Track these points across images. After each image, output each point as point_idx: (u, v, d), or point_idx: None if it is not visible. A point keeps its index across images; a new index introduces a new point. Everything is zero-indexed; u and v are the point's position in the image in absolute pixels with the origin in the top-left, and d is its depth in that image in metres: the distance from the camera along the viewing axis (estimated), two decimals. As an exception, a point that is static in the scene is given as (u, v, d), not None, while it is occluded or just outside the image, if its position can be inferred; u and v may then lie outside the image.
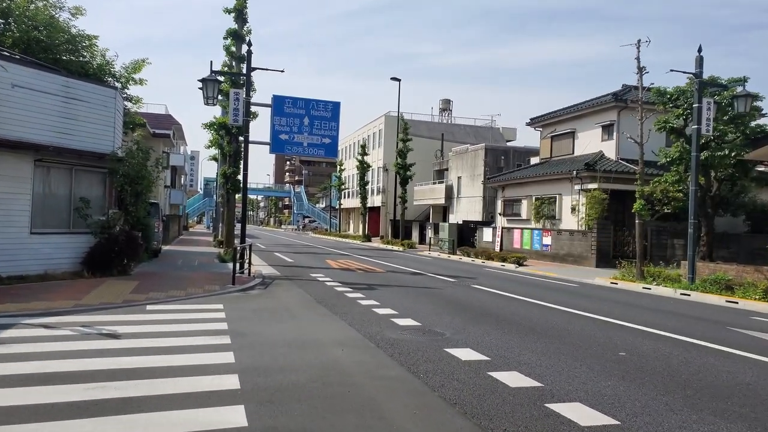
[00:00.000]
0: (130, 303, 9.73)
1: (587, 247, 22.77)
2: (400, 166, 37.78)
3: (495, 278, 17.04)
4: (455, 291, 13.29)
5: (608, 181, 22.89)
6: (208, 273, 15.26)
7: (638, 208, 16.29)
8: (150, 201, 19.95)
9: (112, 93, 13.65)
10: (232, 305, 10.04)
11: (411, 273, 17.71)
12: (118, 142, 13.86)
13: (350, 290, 12.68)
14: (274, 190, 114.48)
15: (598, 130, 26.27)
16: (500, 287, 14.46)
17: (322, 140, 27.01)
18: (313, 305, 10.42)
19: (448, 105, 65.84)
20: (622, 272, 16.95)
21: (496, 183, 31.53)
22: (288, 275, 15.94)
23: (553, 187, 26.46)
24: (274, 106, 23.73)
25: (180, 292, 11.26)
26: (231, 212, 20.31)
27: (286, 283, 14.07)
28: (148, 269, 15.50)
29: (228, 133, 19.99)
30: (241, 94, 15.55)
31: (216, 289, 12.06)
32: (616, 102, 24.62)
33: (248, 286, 12.83)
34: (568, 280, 17.66)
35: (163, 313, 8.94)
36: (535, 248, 26.11)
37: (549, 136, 29.98)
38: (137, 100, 17.36)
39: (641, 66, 16.19)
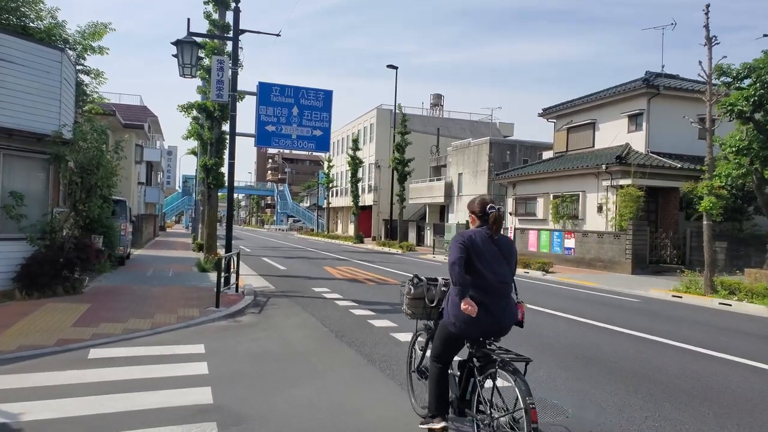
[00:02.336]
0: (66, 345, 6.61)
1: (620, 251, 20.03)
2: (398, 161, 34.83)
3: (531, 291, 14.16)
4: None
5: (643, 176, 20.17)
6: (184, 288, 12.13)
7: (707, 207, 13.52)
8: (115, 198, 16.77)
9: (56, 55, 10.44)
10: (217, 346, 6.97)
11: (432, 285, 14.72)
12: (67, 120, 10.67)
13: (372, 314, 9.68)
14: (256, 188, 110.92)
15: (623, 121, 23.56)
16: (547, 304, 11.57)
17: (313, 132, 24.22)
18: (333, 343, 7.40)
19: (440, 100, 63.09)
20: (683, 283, 14.16)
21: (506, 179, 28.71)
22: (285, 290, 12.88)
23: (576, 183, 23.69)
24: (260, 94, 20.91)
25: (144, 323, 8.15)
26: (213, 212, 17.15)
27: (285, 302, 11.01)
28: (108, 284, 12.33)
29: (209, 117, 16.83)
30: (227, 63, 12.44)
31: (195, 315, 8.96)
32: (647, 88, 21.92)
33: (237, 309, 9.75)
34: (615, 291, 14.85)
35: (110, 366, 5.85)
36: (555, 251, 23.33)
37: (565, 127, 27.23)
38: (97, 74, 14.09)
39: (711, 35, 13.39)
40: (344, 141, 56.38)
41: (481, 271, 3.77)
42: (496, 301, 3.80)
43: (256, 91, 22.87)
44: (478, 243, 3.84)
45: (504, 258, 3.90)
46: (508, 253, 3.95)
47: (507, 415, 3.57)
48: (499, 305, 3.81)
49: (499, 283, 3.82)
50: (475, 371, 3.86)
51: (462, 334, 3.90)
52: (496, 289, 3.80)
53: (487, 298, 3.76)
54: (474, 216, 4.08)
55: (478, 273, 3.78)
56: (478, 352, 3.87)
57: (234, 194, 14.51)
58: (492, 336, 3.91)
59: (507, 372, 3.58)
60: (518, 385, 3.47)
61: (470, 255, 3.79)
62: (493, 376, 3.71)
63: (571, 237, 22.64)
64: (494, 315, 3.78)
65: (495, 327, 3.84)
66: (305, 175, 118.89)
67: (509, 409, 3.59)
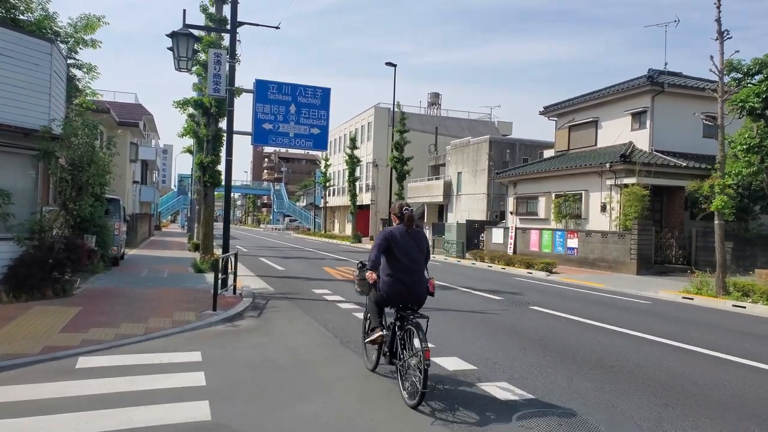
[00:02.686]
0: (53, 353, 6.16)
1: (624, 251, 19.65)
2: (396, 159, 34.41)
3: (542, 293, 13.76)
4: (520, 318, 9.94)
5: (648, 175, 19.79)
6: (180, 290, 11.67)
7: (719, 206, 13.14)
8: (108, 197, 16.32)
9: (46, 47, 9.98)
10: (214, 354, 6.53)
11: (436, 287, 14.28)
12: (57, 114, 10.20)
13: (376, 317, 9.24)
14: (253, 187, 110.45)
15: (626, 119, 23.19)
16: (558, 306, 11.17)
17: (311, 130, 23.83)
18: (338, 351, 6.96)
19: (437, 99, 62.60)
20: (694, 284, 13.78)
21: (507, 178, 28.31)
22: (284, 292, 12.43)
23: (578, 182, 23.31)
24: (257, 91, 20.52)
25: (137, 328, 7.70)
26: (209, 211, 16.67)
27: (285, 305, 10.57)
28: (100, 285, 11.86)
29: (205, 114, 16.35)
30: (224, 57, 11.98)
31: (191, 319, 8.51)
32: (652, 85, 21.54)
33: (236, 313, 9.31)
34: (624, 293, 14.46)
35: (99, 377, 5.41)
36: (557, 251, 22.94)
37: (566, 126, 26.86)
38: (90, 68, 13.61)
39: (722, 30, 13.00)
40: (342, 140, 55.91)
41: (399, 257, 5.19)
42: (409, 277, 5.20)
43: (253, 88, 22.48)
44: (396, 236, 5.27)
45: (417, 246, 5.31)
46: (420, 242, 5.37)
47: (412, 357, 4.94)
48: (412, 280, 5.22)
49: (412, 264, 5.22)
50: (396, 329, 5.28)
51: (385, 299, 5.35)
52: (410, 269, 5.21)
53: (403, 276, 5.19)
54: (395, 216, 5.49)
55: (397, 258, 5.19)
56: (404, 315, 5.22)
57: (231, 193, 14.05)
58: (409, 303, 5.25)
59: (413, 327, 4.97)
60: (419, 335, 4.83)
61: (390, 245, 5.22)
62: (408, 331, 5.09)
63: (574, 237, 22.26)
64: (409, 286, 5.21)
65: (410, 296, 5.24)
66: (301, 174, 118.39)
67: (414, 353, 4.91)
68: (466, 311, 10.23)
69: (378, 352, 5.74)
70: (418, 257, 5.27)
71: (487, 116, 52.85)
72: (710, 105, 22.40)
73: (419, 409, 4.71)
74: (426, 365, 4.57)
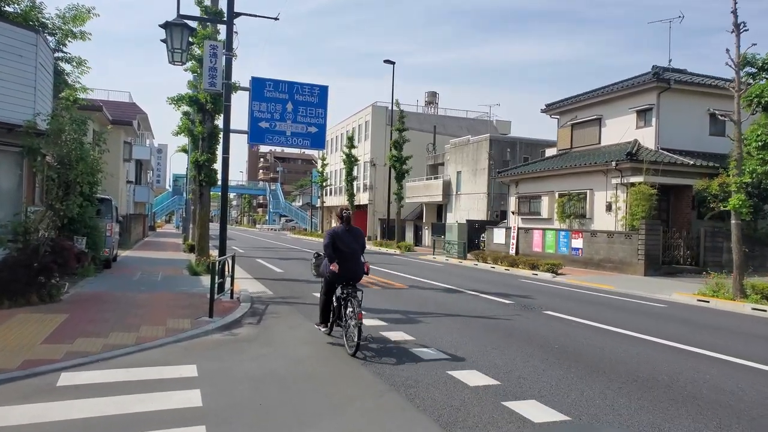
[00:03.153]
0: (33, 369, 5.59)
1: (631, 252, 19.16)
2: (395, 158, 33.80)
3: (552, 296, 13.23)
4: (534, 324, 9.41)
5: (656, 173, 19.30)
6: (174, 294, 11.09)
7: (736, 205, 12.64)
8: (99, 196, 15.72)
9: (30, 37, 9.39)
10: (211, 368, 5.97)
11: (442, 289, 13.77)
12: (43, 109, 9.61)
13: (384, 324, 8.69)
14: (248, 187, 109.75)
15: (631, 116, 22.70)
16: (571, 311, 10.65)
17: (308, 129, 23.39)
18: (346, 363, 6.40)
19: (434, 98, 62.04)
20: (709, 286, 13.27)
21: (509, 177, 27.80)
22: (284, 295, 11.87)
23: (583, 181, 22.82)
24: (253, 89, 20.07)
25: (127, 338, 7.13)
26: (205, 211, 16.09)
27: (285, 310, 10.01)
28: (90, 290, 11.27)
29: (201, 110, 15.77)
30: (220, 49, 11.41)
31: (185, 327, 7.94)
32: (658, 82, 21.05)
33: (233, 319, 8.75)
34: (636, 295, 13.96)
35: (83, 397, 4.84)
36: (561, 252, 22.44)
37: (569, 124, 26.36)
38: (80, 62, 13.00)
39: (738, 21, 12.51)
40: (338, 139, 55.34)
41: (341, 248, 7.00)
42: (349, 262, 7.04)
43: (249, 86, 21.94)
44: (339, 233, 7.09)
45: (355, 240, 7.15)
46: (357, 237, 7.22)
47: (351, 319, 6.61)
48: (351, 263, 7.06)
49: (352, 254, 7.07)
50: (341, 300, 7.07)
51: (333, 280, 7.15)
52: (350, 256, 7.05)
53: (344, 262, 7.00)
54: (338, 217, 7.34)
55: (340, 249, 7.00)
56: (344, 290, 6.98)
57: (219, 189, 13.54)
58: (350, 280, 7.05)
59: (352, 297, 6.79)
60: (355, 303, 6.67)
61: (335, 240, 7.03)
62: (350, 302, 6.80)
63: (578, 237, 21.76)
64: (349, 269, 7.02)
65: (350, 274, 7.04)
66: (297, 174, 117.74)
67: (353, 316, 6.55)
68: (477, 317, 9.69)
69: (334, 322, 7.38)
70: (355, 248, 7.18)
71: (486, 115, 52.35)
72: (718, 102, 22.01)
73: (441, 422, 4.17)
74: (359, 323, 6.51)
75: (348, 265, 7.03)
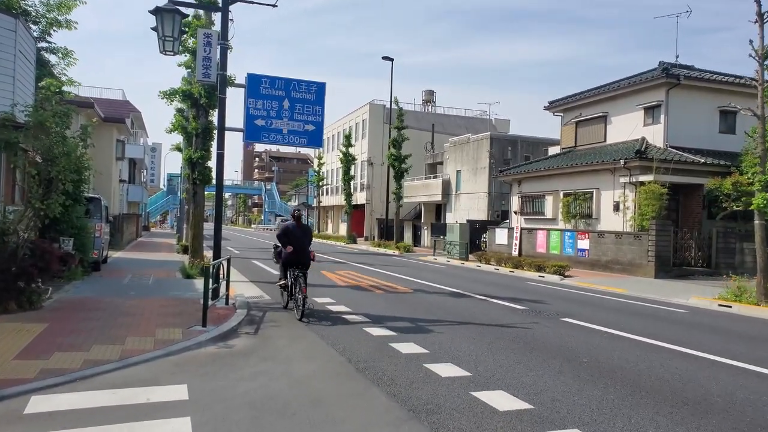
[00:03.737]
0: (2, 389, 4.87)
1: (641, 253, 18.52)
2: (394, 157, 33.13)
3: (565, 300, 12.57)
4: (555, 333, 8.74)
5: (666, 172, 18.67)
6: (165, 300, 10.38)
7: (761, 204, 11.99)
8: (88, 196, 15.00)
9: (9, 22, 8.66)
10: (204, 389, 5.26)
11: (449, 294, 13.09)
12: (23, 100, 8.86)
13: (393, 334, 8.00)
14: (243, 186, 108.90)
15: (638, 113, 22.09)
16: (590, 317, 10.00)
17: (305, 127, 22.75)
18: (355, 382, 5.71)
19: (432, 96, 61.35)
20: (730, 290, 12.63)
21: (511, 176, 27.13)
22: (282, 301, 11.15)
23: (589, 180, 22.18)
24: (249, 86, 19.48)
25: (111, 351, 6.42)
26: (199, 211, 15.35)
27: (284, 318, 9.30)
28: (75, 295, 10.53)
29: (194, 105, 15.04)
30: (214, 37, 10.70)
31: (176, 338, 7.23)
32: (667, 78, 20.43)
33: (229, 329, 8.04)
34: (651, 299, 13.32)
35: (52, 429, 4.13)
36: (566, 253, 21.80)
37: (573, 121, 25.74)
38: (66, 53, 12.25)
39: (762, 11, 11.88)
40: (335, 138, 54.64)
41: (293, 241, 9.32)
42: (298, 252, 9.30)
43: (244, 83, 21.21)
44: (290, 228, 9.51)
45: (304, 235, 9.55)
46: (306, 232, 9.70)
47: (299, 293, 9.07)
48: (300, 253, 9.32)
49: (300, 246, 9.32)
50: (293, 280, 9.42)
51: (287, 263, 9.49)
52: (299, 248, 9.30)
53: (294, 251, 9.26)
54: (292, 216, 9.89)
55: (292, 242, 9.31)
56: (294, 273, 9.34)
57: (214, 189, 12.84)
58: (299, 265, 9.32)
59: (300, 278, 9.23)
60: (301, 281, 9.17)
61: (287, 234, 9.41)
62: (299, 281, 9.20)
63: (584, 237, 21.12)
64: (298, 257, 9.29)
65: (299, 261, 9.31)
66: (293, 173, 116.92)
67: (299, 291, 9.06)
68: (490, 325, 9.01)
69: (286, 295, 9.87)
70: (304, 241, 9.51)
71: (485, 113, 51.75)
72: (728, 98, 21.39)
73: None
74: (304, 296, 9.01)
75: (297, 254, 9.39)
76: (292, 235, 9.44)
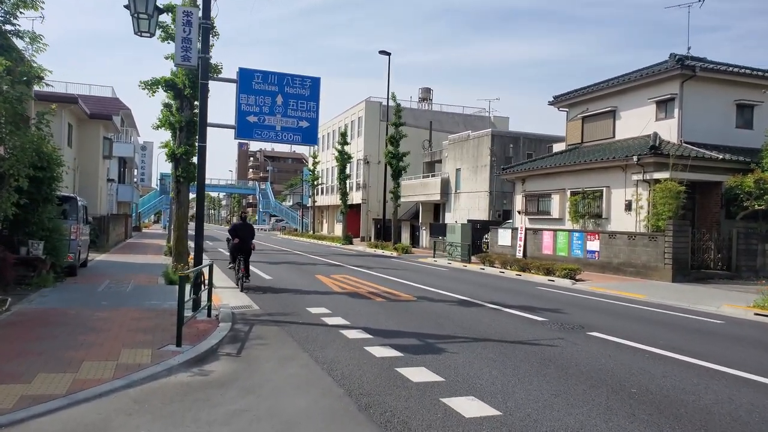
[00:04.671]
0: None
1: (657, 255, 17.42)
2: (391, 155, 31.97)
3: (585, 309, 11.44)
4: (586, 353, 7.59)
5: (684, 169, 17.57)
6: (140, 312, 9.19)
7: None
8: (62, 195, 13.82)
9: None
10: (164, 440, 4.10)
11: (456, 302, 11.92)
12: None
13: (399, 355, 6.84)
14: (238, 186, 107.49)
15: (650, 107, 21.01)
16: (627, 332, 8.87)
17: (299, 123, 21.64)
18: (360, 427, 4.53)
19: (429, 94, 60.21)
20: (766, 297, 11.53)
21: (514, 174, 26.00)
22: (273, 311, 9.99)
23: (598, 177, 21.07)
24: (240, 81, 18.62)
25: (58, 383, 5.23)
26: (183, 211, 14.15)
27: (273, 333, 8.12)
28: (39, 306, 9.33)
29: (178, 96, 13.85)
30: (195, 16, 9.52)
31: (143, 362, 6.06)
32: (682, 69, 19.34)
33: (208, 348, 6.88)
34: (676, 307, 12.21)
35: None
36: (574, 255, 20.69)
37: (579, 116, 24.64)
38: (34, 38, 10.99)
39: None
40: (330, 136, 53.43)
41: (239, 235, 13.09)
42: (242, 243, 12.94)
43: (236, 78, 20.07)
44: (238, 226, 13.53)
45: (247, 231, 13.31)
46: (249, 230, 13.45)
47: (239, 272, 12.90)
48: (243, 242, 12.95)
49: (243, 239, 12.98)
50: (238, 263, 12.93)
51: (234, 251, 13.26)
52: (243, 239, 12.98)
53: (239, 242, 12.95)
54: (239, 217, 15.95)
55: (239, 236, 13.08)
56: (239, 258, 12.87)
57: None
58: (243, 253, 12.83)
59: (243, 262, 12.81)
60: (242, 264, 12.81)
61: (236, 230, 13.36)
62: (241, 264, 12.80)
63: (594, 238, 20.01)
64: (242, 247, 12.91)
65: (243, 249, 12.88)
66: (288, 173, 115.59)
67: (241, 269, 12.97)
68: (512, 342, 7.85)
69: (236, 275, 13.07)
70: (246, 236, 13.02)
71: (483, 110, 50.62)
72: (745, 92, 20.40)
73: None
74: (245, 275, 12.65)
75: (241, 244, 12.88)
76: (240, 231, 13.20)
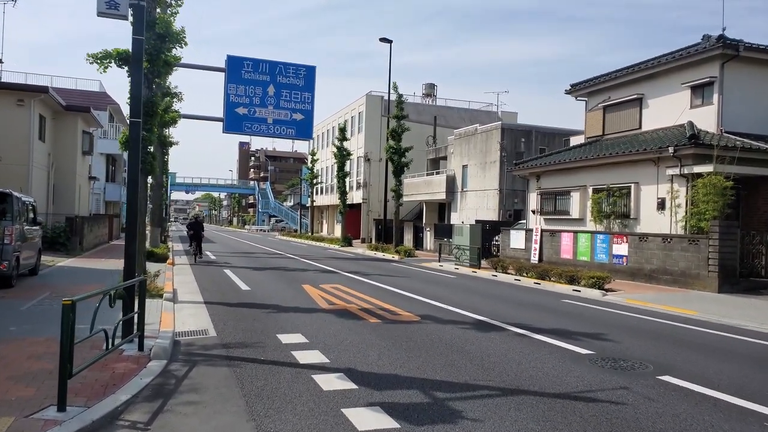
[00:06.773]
0: None
1: (698, 261, 14.98)
2: (393, 150, 29.53)
3: (634, 334, 9.01)
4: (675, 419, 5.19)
5: (731, 161, 15.12)
6: (50, 343, 6.84)
7: None
8: (-9, 190, 11.50)
9: None
10: None
11: (471, 324, 9.47)
12: None
13: (395, 427, 4.46)
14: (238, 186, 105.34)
15: (684, 93, 18.60)
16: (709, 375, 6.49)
17: (293, 116, 19.66)
18: None
19: (433, 90, 57.74)
20: None
21: (528, 170, 23.56)
22: (230, 341, 7.60)
23: (625, 173, 18.63)
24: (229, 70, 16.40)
25: None
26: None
27: (216, 380, 5.73)
28: None
29: (131, 70, 11.45)
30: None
31: (-39, 460, 3.69)
32: (723, 49, 16.90)
33: (104, 414, 4.54)
34: (747, 330, 9.76)
35: None
36: (598, 260, 18.26)
37: (600, 106, 22.21)
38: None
39: None
40: (329, 133, 51.10)
41: (194, 229, 21.57)
42: (195, 233, 21.38)
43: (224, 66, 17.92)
44: (193, 223, 22.11)
45: (199, 227, 21.72)
46: (199, 227, 21.68)
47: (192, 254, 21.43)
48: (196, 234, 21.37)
49: (196, 233, 21.36)
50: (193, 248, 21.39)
51: (190, 238, 21.80)
52: (195, 235, 21.33)
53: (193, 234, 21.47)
54: (194, 218, 23.03)
55: (193, 230, 21.68)
56: (194, 243, 21.41)
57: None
58: (196, 240, 21.26)
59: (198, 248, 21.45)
60: (197, 248, 21.35)
61: (191, 226, 22.00)
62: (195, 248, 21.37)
63: (622, 241, 17.56)
64: (195, 236, 21.32)
65: (196, 238, 21.29)
66: (289, 173, 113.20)
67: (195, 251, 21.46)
68: (554, 396, 5.44)
69: (192, 253, 21.14)
70: (200, 231, 21.52)
71: (490, 105, 48.19)
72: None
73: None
74: (197, 254, 21.16)
75: (194, 234, 21.02)
76: (193, 226, 21.50)
